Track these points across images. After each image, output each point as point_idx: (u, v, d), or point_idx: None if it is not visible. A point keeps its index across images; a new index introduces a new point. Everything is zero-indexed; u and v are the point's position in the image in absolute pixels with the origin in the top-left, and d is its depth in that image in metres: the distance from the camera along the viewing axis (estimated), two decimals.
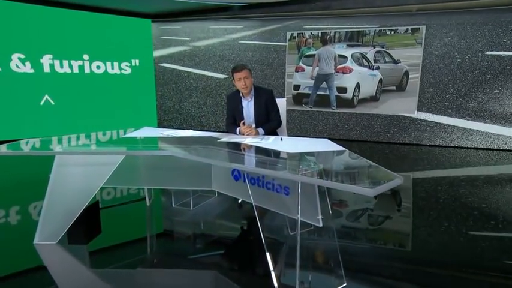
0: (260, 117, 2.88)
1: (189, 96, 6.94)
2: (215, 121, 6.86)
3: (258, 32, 6.39)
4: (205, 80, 6.81)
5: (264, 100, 2.87)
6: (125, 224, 2.71)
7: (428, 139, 5.55)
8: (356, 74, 5.78)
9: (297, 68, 6.17)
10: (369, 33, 5.66)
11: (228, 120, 3.00)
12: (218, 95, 6.78)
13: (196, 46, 6.78)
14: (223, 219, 2.78)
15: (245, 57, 6.47)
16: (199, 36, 6.75)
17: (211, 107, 6.84)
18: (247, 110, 2.90)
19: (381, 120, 5.79)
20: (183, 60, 6.88)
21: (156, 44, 6.95)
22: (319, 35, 5.99)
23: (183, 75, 6.93)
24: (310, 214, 1.97)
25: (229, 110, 2.98)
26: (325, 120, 6.13)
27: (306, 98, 6.19)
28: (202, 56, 6.75)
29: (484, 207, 2.98)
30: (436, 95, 5.40)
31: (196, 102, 6.91)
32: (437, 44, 5.28)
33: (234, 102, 2.93)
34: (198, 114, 6.92)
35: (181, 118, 7.02)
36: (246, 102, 2.91)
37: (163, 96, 7.10)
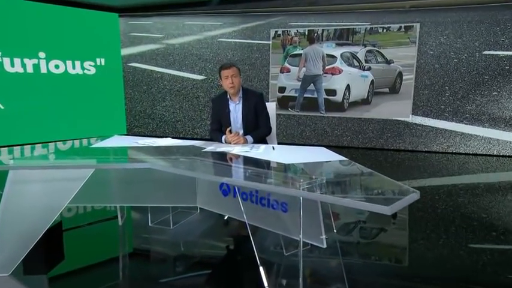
0: (248, 122, 2.88)
1: (162, 99, 6.85)
2: (192, 127, 6.76)
3: (238, 29, 6.36)
4: (181, 81, 6.74)
5: (253, 104, 2.87)
6: (93, 247, 2.58)
7: (424, 145, 5.63)
8: (346, 75, 5.82)
9: (282, 68, 6.17)
10: (359, 31, 5.72)
11: (213, 125, 2.98)
12: (195, 98, 6.70)
13: (170, 44, 6.71)
14: (207, 238, 2.69)
15: (225, 56, 6.44)
16: (173, 33, 6.69)
17: (187, 111, 6.76)
18: (234, 113, 2.90)
19: (373, 125, 5.84)
20: (155, 59, 6.80)
21: (124, 42, 6.86)
22: (305, 32, 6.00)
23: (155, 76, 6.84)
24: (312, 234, 1.91)
25: (214, 114, 2.97)
26: (313, 125, 6.13)
27: (292, 101, 6.17)
28: (177, 55, 6.68)
29: (485, 218, 3.01)
30: (432, 97, 5.50)
31: (171, 106, 6.82)
32: (432, 43, 5.40)
33: (220, 105, 2.92)
34: (173, 119, 6.82)
35: (154, 124, 6.92)
36: (234, 105, 2.90)
37: (132, 99, 6.98)
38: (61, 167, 2.09)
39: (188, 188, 2.60)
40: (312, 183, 1.66)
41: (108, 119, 6.66)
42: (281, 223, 2.03)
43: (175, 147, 2.60)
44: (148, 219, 2.91)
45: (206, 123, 6.66)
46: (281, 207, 2.04)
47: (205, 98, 6.63)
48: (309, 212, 1.86)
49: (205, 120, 6.66)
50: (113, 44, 6.70)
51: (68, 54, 6.21)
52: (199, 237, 2.69)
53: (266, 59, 6.23)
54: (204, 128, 6.68)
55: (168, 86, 6.80)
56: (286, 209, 2.01)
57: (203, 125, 6.69)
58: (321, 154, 2.38)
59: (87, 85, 6.43)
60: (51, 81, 6.10)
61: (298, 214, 1.78)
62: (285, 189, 1.64)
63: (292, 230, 1.96)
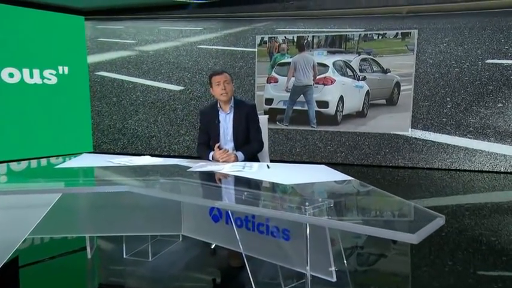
0: (239, 134, 2.92)
1: (134, 112, 6.78)
2: (168, 143, 6.67)
3: (221, 35, 6.38)
4: (156, 92, 6.69)
5: (244, 114, 2.92)
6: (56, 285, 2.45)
7: (426, 161, 5.68)
8: (339, 85, 5.86)
9: (269, 78, 6.17)
10: (353, 38, 5.80)
11: (201, 138, 3.03)
12: (172, 110, 6.63)
13: (144, 51, 6.70)
14: (192, 270, 2.62)
15: (205, 65, 6.43)
16: (147, 39, 6.67)
17: (163, 125, 6.67)
18: (224, 125, 2.94)
19: (369, 139, 5.87)
20: (126, 68, 6.76)
21: (91, 48, 6.81)
22: (294, 39, 6.04)
23: (127, 86, 6.78)
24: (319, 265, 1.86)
25: (203, 126, 3.01)
26: (303, 140, 6.12)
27: (281, 114, 6.16)
28: (152, 63, 6.66)
29: (494, 241, 3.01)
30: (432, 109, 5.58)
31: (145, 120, 6.74)
32: (432, 51, 5.51)
33: (209, 116, 2.95)
34: (147, 135, 6.74)
35: (125, 140, 6.83)
36: (224, 116, 2.94)
37: (100, 113, 6.88)
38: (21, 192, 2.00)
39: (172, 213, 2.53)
40: (319, 207, 1.63)
41: (72, 135, 6.54)
42: (283, 253, 1.98)
43: (156, 167, 2.57)
44: (123, 250, 2.79)
45: (184, 138, 6.60)
46: (282, 235, 1.99)
47: (184, 110, 6.58)
48: (315, 240, 1.83)
49: (183, 135, 6.58)
50: (77, 50, 6.64)
51: (25, 61, 6.06)
52: (183, 269, 2.61)
53: (251, 68, 6.23)
54: (183, 144, 6.61)
55: (142, 97, 6.73)
56: (289, 236, 1.97)
57: (181, 140, 6.61)
58: (323, 173, 2.37)
59: (47, 96, 6.29)
60: (4, 91, 5.91)
61: (304, 243, 1.74)
62: (288, 214, 1.60)
63: (296, 261, 1.91)
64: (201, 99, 6.46)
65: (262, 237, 2.07)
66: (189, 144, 6.54)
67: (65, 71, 6.43)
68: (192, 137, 6.49)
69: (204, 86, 6.41)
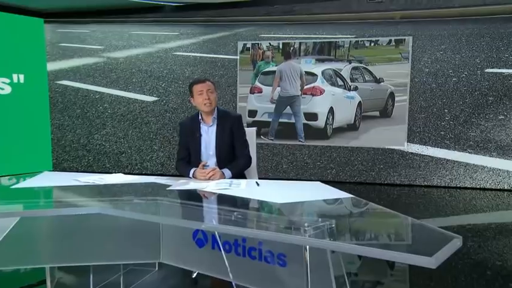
0: (222, 148, 2.92)
1: (101, 126, 6.70)
2: (140, 160, 6.59)
3: (199, 41, 6.39)
4: (126, 103, 6.64)
5: (228, 126, 2.92)
6: None
7: (423, 178, 5.74)
8: (329, 96, 5.91)
9: (253, 88, 6.19)
10: (343, 44, 5.87)
11: (180, 153, 3.03)
12: (144, 124, 6.58)
13: (112, 58, 6.67)
14: None
15: (182, 73, 6.42)
16: (116, 45, 6.65)
17: (134, 141, 6.61)
18: (206, 138, 2.94)
19: (362, 154, 5.91)
20: (92, 76, 6.71)
21: (52, 54, 6.77)
22: (280, 46, 6.08)
23: (92, 97, 6.72)
24: None
25: (183, 140, 3.03)
26: (290, 156, 6.11)
27: (265, 127, 6.15)
28: (122, 71, 6.62)
29: (500, 265, 3.02)
30: (430, 122, 5.67)
31: (113, 134, 6.67)
32: (428, 59, 5.63)
33: (190, 129, 2.95)
34: (116, 151, 6.66)
35: (90, 157, 6.73)
36: (206, 128, 2.94)
37: (62, 126, 6.79)
38: None
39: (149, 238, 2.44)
40: (320, 228, 1.61)
41: (28, 152, 6.40)
42: (278, 281, 1.94)
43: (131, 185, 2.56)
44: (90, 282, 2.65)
45: (158, 155, 6.53)
46: (278, 261, 1.95)
47: (157, 124, 6.52)
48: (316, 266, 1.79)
49: (157, 151, 6.51)
50: (35, 56, 6.58)
51: None
52: None
53: (233, 77, 6.23)
54: (156, 161, 6.53)
55: (110, 109, 6.67)
56: (285, 262, 1.92)
57: (154, 157, 6.52)
58: (319, 190, 2.37)
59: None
60: None
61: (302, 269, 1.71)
62: (285, 235, 1.58)
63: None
64: (176, 111, 6.41)
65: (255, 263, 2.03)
66: (164, 161, 6.45)
67: (20, 79, 6.36)
68: (167, 153, 6.42)
69: (180, 97, 6.37)
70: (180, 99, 6.37)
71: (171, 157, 6.26)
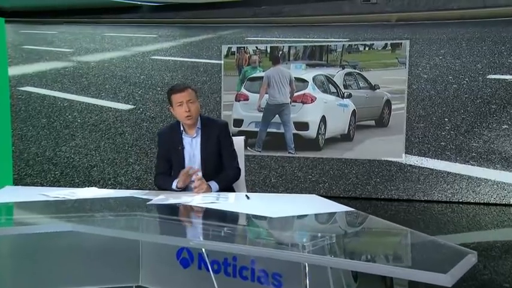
0: (209, 161, 2.89)
1: (70, 137, 6.67)
2: (114, 174, 6.53)
3: (180, 44, 6.40)
4: (98, 112, 6.61)
5: (215, 136, 2.90)
6: None
7: (423, 192, 5.77)
8: (320, 103, 5.94)
9: (238, 95, 6.19)
10: (335, 49, 5.93)
11: (160, 167, 3.00)
12: (119, 134, 6.54)
13: (83, 62, 6.66)
14: None
15: (161, 79, 6.40)
16: (88, 48, 6.63)
17: (107, 153, 6.56)
18: (190, 151, 2.91)
19: (357, 167, 5.93)
20: (61, 82, 6.70)
21: (14, 57, 6.76)
22: (267, 50, 6.11)
23: (60, 105, 6.70)
24: None
25: (162, 153, 3.00)
26: (279, 168, 6.10)
27: (252, 138, 6.14)
28: (94, 76, 6.60)
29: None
30: (429, 131, 5.72)
31: (83, 146, 6.62)
32: (426, 65, 5.71)
33: (171, 141, 2.93)
34: (86, 164, 6.60)
35: (56, 171, 6.67)
36: (189, 140, 2.91)
37: (25, 137, 6.76)
38: None
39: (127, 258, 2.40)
40: (320, 243, 1.63)
41: None
42: None
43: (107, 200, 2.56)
44: None
45: (134, 168, 6.47)
46: (273, 281, 1.92)
47: (133, 134, 6.47)
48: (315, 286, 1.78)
49: (132, 164, 6.46)
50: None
51: None
52: None
53: (217, 83, 6.23)
54: (132, 175, 6.47)
55: (80, 118, 6.63)
56: (281, 283, 1.90)
57: (130, 171, 6.46)
58: (315, 204, 2.40)
59: None
60: None
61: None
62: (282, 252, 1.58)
63: None
64: (154, 120, 6.37)
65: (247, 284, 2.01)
66: (140, 175, 6.38)
67: None
68: (144, 166, 6.36)
69: (158, 105, 6.34)
70: (158, 107, 6.33)
71: (149, 171, 6.20)
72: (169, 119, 6.09)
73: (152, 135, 6.25)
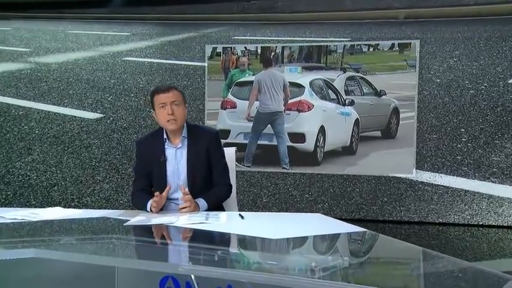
0: (197, 176, 2.88)
1: (26, 151, 6.61)
2: (78, 194, 6.42)
3: (157, 43, 6.44)
4: (60, 122, 6.58)
5: (203, 147, 2.89)
6: None
7: (437, 213, 5.76)
8: (319, 112, 5.95)
9: (225, 102, 6.17)
10: (335, 49, 5.96)
11: (138, 182, 2.98)
12: (84, 148, 6.49)
13: (43, 64, 6.69)
14: None
15: (134, 84, 6.40)
16: (48, 47, 6.67)
17: (70, 169, 6.49)
18: (174, 164, 2.89)
19: (361, 184, 5.92)
20: (15, 87, 6.73)
21: None
22: (258, 50, 6.14)
23: (15, 113, 6.69)
24: None
25: (141, 166, 2.98)
26: (272, 186, 6.09)
27: (241, 151, 6.08)
28: (55, 80, 6.60)
29: None
30: (443, 144, 5.74)
31: (42, 161, 6.56)
32: (439, 68, 5.77)
33: (151, 151, 2.91)
34: (45, 183, 6.51)
35: (9, 191, 6.55)
36: (173, 151, 2.89)
37: None
38: None
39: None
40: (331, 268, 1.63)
41: None
42: None
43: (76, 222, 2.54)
44: None
45: (102, 187, 6.38)
46: None
47: (102, 147, 6.41)
48: None
49: (100, 182, 6.37)
50: None
51: None
52: None
53: (200, 88, 6.21)
54: (100, 195, 6.36)
55: (38, 129, 6.59)
56: None
57: (97, 190, 6.36)
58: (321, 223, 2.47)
59: None
60: None
61: None
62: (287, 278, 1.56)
63: None
64: (127, 131, 6.32)
65: None
66: (110, 195, 6.29)
67: None
68: (114, 184, 6.28)
69: (132, 113, 6.31)
70: (131, 116, 6.30)
71: (119, 190, 6.14)
72: (145, 129, 6.10)
73: (124, 149, 6.20)
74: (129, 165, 6.14)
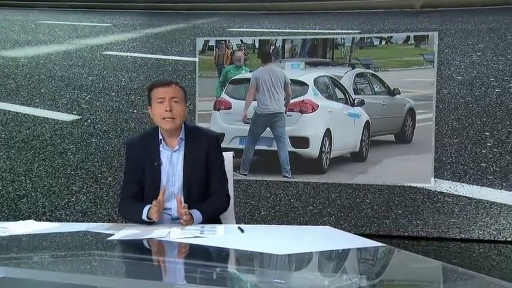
0: (193, 183, 2.91)
1: None
2: (51, 206, 6.39)
3: (141, 35, 6.44)
4: (30, 124, 6.59)
5: (203, 151, 2.92)
6: None
7: (459, 228, 5.74)
8: (324, 113, 5.96)
9: (218, 102, 6.18)
10: (343, 43, 5.98)
11: (126, 190, 2.97)
12: (58, 153, 6.47)
13: (10, 58, 6.73)
14: None
15: (115, 81, 6.40)
16: (17, 40, 6.70)
17: (42, 178, 6.48)
18: (169, 168, 2.91)
19: (372, 195, 5.91)
20: None
21: None
22: (256, 44, 6.15)
23: None
24: None
25: (131, 170, 2.98)
26: (271, 197, 6.08)
27: (236, 157, 6.06)
28: (25, 77, 6.62)
29: None
30: (465, 149, 5.74)
31: (9, 169, 6.56)
32: (460, 63, 5.77)
33: (144, 154, 2.93)
34: (12, 194, 6.50)
35: None
36: (169, 154, 2.91)
37: None
38: None
39: None
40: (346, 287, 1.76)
41: None
42: None
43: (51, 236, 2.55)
44: None
45: (79, 198, 6.35)
46: None
47: (78, 153, 6.39)
48: None
49: (76, 193, 6.34)
50: None
51: None
52: None
53: (190, 87, 6.17)
54: (75, 207, 6.33)
55: (5, 133, 6.61)
56: None
57: (73, 202, 6.33)
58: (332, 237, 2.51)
59: None
60: None
61: None
62: None
63: None
64: (107, 134, 6.31)
65: None
66: (87, 208, 6.25)
67: None
68: (93, 195, 6.26)
69: (113, 115, 6.30)
70: (112, 118, 6.28)
71: (98, 202, 6.11)
72: (127, 133, 6.11)
73: (104, 155, 6.18)
74: (109, 174, 6.13)
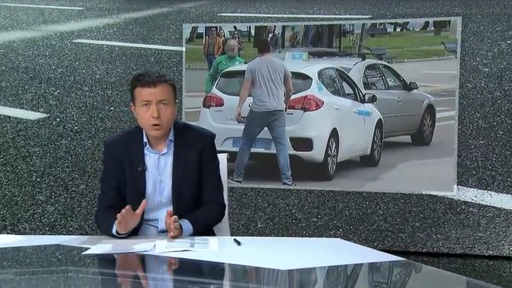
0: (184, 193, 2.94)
1: None
2: (13, 219, 6.36)
3: (119, 21, 6.47)
4: None
5: (194, 154, 2.94)
6: None
7: (486, 243, 5.74)
8: (330, 111, 5.98)
9: (208, 98, 6.19)
10: (351, 30, 6.00)
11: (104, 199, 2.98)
12: (22, 158, 6.47)
13: None
14: None
15: (89, 74, 6.42)
16: None
17: (3, 186, 6.49)
18: (155, 174, 2.93)
19: (385, 205, 5.91)
20: None
21: None
22: (251, 31, 6.17)
23: None
24: None
25: (111, 176, 2.98)
26: (269, 207, 6.08)
27: (229, 161, 6.05)
28: None
29: None
30: (493, 152, 5.75)
31: None
32: (487, 53, 5.79)
33: (126, 157, 2.94)
34: None
35: None
36: (155, 157, 2.94)
37: None
38: None
39: None
40: None
41: None
42: None
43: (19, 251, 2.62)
44: None
45: (46, 209, 6.32)
46: None
47: (46, 157, 6.39)
48: None
49: (43, 204, 6.32)
50: None
51: None
52: None
53: (176, 80, 5.97)
54: (42, 220, 6.29)
55: None
56: None
57: (39, 214, 6.30)
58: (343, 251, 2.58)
59: None
60: None
61: None
62: None
63: None
64: (79, 135, 6.31)
65: None
66: (55, 220, 6.22)
67: None
68: (62, 206, 6.23)
69: (86, 113, 6.29)
70: (85, 116, 6.28)
71: (68, 213, 6.09)
72: (103, 133, 6.12)
73: (75, 159, 6.16)
74: (81, 181, 6.12)
